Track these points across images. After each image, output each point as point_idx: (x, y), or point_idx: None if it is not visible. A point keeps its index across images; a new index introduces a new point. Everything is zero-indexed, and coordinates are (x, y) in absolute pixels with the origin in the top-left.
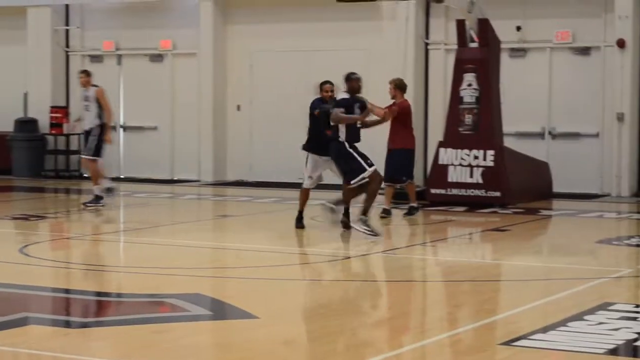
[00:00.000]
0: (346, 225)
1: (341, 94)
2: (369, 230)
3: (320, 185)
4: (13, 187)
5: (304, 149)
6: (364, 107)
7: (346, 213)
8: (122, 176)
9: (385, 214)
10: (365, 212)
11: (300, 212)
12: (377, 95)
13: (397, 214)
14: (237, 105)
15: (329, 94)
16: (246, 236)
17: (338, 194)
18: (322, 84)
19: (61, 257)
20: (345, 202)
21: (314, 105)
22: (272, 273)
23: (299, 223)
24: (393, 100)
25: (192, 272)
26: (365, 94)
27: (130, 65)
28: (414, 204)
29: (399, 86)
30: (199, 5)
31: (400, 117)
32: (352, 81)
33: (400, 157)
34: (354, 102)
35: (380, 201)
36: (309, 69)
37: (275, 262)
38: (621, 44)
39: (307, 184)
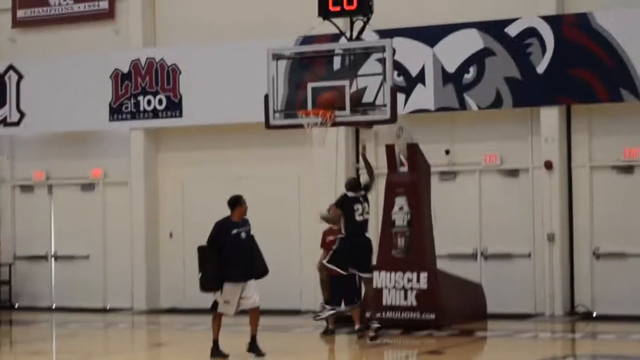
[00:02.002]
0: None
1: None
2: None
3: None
4: None
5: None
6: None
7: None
8: (54, 306)
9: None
10: None
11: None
12: (307, 221)
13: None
14: (170, 233)
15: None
16: None
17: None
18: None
19: None
20: None
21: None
22: None
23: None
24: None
25: None
26: (298, 218)
27: (61, 195)
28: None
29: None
30: (130, 134)
31: None
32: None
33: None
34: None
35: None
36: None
37: None
38: (548, 165)
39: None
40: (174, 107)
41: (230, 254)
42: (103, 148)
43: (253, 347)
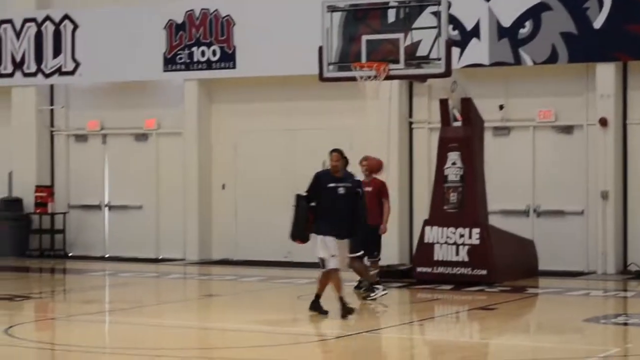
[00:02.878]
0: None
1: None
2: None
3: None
4: None
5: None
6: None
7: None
8: (107, 255)
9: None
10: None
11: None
12: (359, 174)
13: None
14: (222, 184)
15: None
16: (232, 316)
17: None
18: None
19: (46, 338)
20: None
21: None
22: (258, 354)
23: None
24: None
25: (179, 354)
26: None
27: (115, 145)
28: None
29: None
30: (184, 84)
31: (376, 195)
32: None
33: (374, 232)
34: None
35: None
36: (293, 147)
37: (261, 343)
38: (603, 122)
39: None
40: (228, 58)
41: (322, 208)
42: (157, 98)
43: (343, 309)
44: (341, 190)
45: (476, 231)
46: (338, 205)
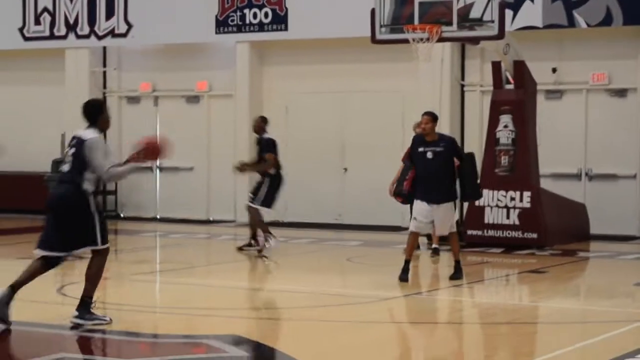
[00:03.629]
0: None
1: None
2: None
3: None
4: None
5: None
6: None
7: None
8: (158, 217)
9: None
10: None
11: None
12: (410, 137)
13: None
14: None
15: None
16: (282, 277)
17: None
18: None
19: (98, 297)
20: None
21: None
22: (309, 314)
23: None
24: None
25: (229, 313)
26: (401, 136)
27: (167, 107)
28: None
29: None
30: (235, 47)
31: None
32: None
33: None
34: None
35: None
36: (345, 110)
37: (311, 303)
38: None
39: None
40: (280, 20)
41: (417, 172)
42: (208, 61)
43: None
44: (429, 155)
45: (527, 194)
46: (429, 169)
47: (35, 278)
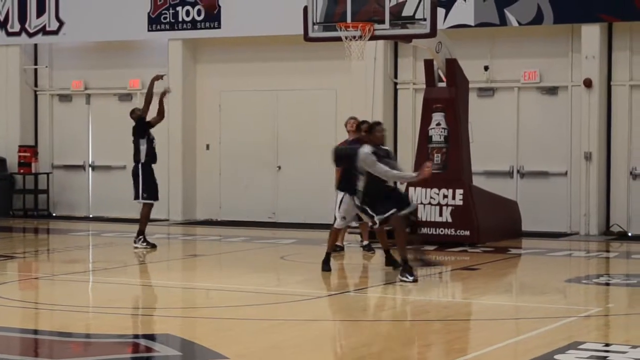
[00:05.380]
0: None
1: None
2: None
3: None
4: None
5: (339, 189)
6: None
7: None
8: (90, 215)
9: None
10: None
11: (328, 254)
12: (343, 135)
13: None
14: (206, 145)
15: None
16: (216, 276)
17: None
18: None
19: (30, 297)
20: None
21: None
22: (242, 313)
23: (326, 266)
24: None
25: (162, 312)
26: (334, 133)
27: (99, 105)
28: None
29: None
30: (168, 44)
31: None
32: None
33: None
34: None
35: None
36: (278, 108)
37: (245, 302)
38: (588, 83)
39: (339, 224)
40: (213, 18)
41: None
42: (141, 58)
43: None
44: None
45: (460, 192)
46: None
47: None
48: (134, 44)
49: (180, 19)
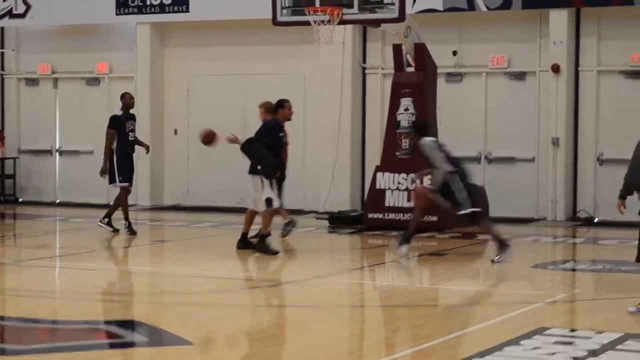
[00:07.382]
0: None
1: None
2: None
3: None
4: None
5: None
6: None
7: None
8: (57, 201)
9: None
10: None
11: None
12: (315, 118)
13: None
14: (174, 130)
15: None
16: (183, 261)
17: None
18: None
19: None
20: None
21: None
22: (208, 299)
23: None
24: None
25: (128, 298)
26: (302, 117)
27: (67, 89)
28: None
29: (269, 110)
30: (136, 28)
31: None
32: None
33: None
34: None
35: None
36: (247, 92)
37: (211, 288)
38: (556, 69)
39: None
40: (181, 1)
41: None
42: (109, 42)
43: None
44: None
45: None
46: None
47: None
48: (102, 28)
49: (148, 3)
